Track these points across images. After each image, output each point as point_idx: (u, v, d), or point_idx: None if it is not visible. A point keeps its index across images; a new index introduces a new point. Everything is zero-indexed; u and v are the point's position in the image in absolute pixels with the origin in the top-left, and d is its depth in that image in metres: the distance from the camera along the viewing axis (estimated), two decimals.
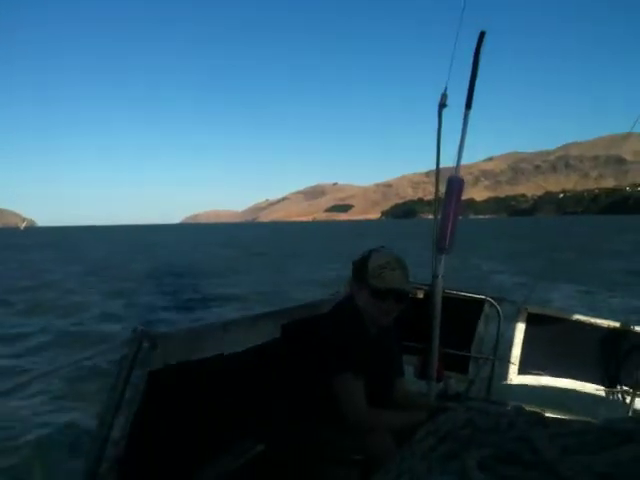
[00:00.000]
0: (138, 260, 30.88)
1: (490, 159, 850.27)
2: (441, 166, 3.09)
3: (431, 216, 2.97)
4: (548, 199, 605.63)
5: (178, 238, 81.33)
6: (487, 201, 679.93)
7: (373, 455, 2.02)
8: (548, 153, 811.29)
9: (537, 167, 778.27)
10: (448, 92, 3.01)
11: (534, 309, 3.30)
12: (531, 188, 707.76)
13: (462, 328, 3.29)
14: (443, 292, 3.06)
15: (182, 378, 1.66)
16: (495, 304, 3.26)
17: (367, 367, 2.19)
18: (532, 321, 3.27)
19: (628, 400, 3.22)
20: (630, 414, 3.13)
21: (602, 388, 3.26)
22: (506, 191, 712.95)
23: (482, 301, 3.28)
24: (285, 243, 50.33)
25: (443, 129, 2.99)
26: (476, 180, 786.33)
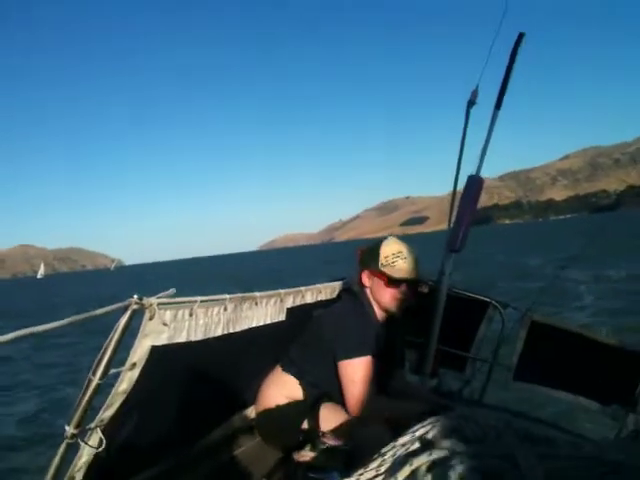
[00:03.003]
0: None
1: (566, 157, 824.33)
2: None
3: (507, 221, 4.90)
4: (631, 192, 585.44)
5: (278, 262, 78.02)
6: (567, 200, 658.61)
7: (362, 442, 1.92)
8: (627, 145, 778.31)
9: (616, 161, 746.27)
10: (480, 90, 2.94)
11: (538, 317, 3.17)
12: (612, 183, 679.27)
13: (464, 328, 3.28)
14: (448, 290, 3.07)
15: (180, 350, 1.59)
16: (499, 307, 3.23)
17: (371, 354, 2.18)
18: (535, 329, 3.13)
19: (620, 419, 3.07)
20: (621, 433, 3.01)
21: (596, 404, 3.11)
22: (586, 188, 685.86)
23: (486, 303, 3.24)
24: None
25: (472, 128, 2.93)
26: (553, 180, 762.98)
